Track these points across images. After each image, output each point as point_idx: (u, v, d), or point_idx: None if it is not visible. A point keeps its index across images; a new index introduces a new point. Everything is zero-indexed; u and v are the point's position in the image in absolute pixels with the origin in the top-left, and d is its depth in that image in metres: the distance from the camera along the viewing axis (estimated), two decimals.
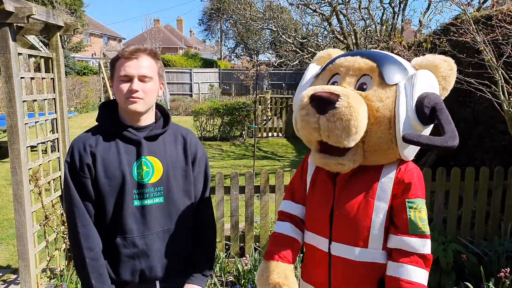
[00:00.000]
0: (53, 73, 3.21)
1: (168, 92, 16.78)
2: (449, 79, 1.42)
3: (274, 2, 12.76)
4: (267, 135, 10.92)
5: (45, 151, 3.20)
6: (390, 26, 7.88)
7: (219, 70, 25.26)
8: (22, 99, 2.74)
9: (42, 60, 3.10)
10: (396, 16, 7.94)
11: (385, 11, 8.23)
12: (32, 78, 2.99)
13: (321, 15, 9.16)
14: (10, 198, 5.57)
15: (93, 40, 34.74)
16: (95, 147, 1.51)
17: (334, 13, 8.42)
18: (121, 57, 1.50)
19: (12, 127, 2.68)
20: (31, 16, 2.59)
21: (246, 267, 3.25)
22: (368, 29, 8.88)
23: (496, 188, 3.58)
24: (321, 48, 9.84)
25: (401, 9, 7.95)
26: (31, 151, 2.91)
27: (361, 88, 1.41)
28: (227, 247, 3.58)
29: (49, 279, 3.19)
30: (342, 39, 8.47)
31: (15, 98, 2.66)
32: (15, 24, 2.66)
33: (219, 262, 3.38)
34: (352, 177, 1.44)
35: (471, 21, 3.45)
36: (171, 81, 21.74)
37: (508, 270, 2.79)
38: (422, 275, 1.36)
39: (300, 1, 9.41)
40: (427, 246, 1.37)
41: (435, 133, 1.38)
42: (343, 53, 1.60)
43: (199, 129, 10.29)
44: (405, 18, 8.13)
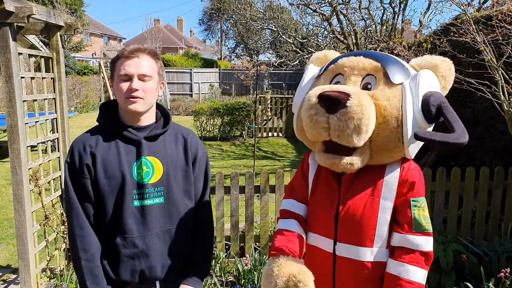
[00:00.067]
0: (53, 72, 3.21)
1: (168, 92, 16.78)
2: (448, 78, 1.46)
3: (274, 2, 12.77)
4: (267, 135, 10.92)
5: (45, 151, 3.20)
6: (390, 26, 7.88)
7: (219, 70, 25.24)
8: (22, 99, 2.74)
9: (42, 59, 3.10)
10: (396, 16, 7.94)
11: (385, 11, 8.24)
12: (32, 77, 2.99)
13: (321, 15, 9.16)
14: (10, 197, 5.57)
15: (93, 40, 34.75)
16: (95, 148, 1.51)
17: (334, 13, 8.42)
18: (121, 57, 1.51)
19: (12, 126, 2.69)
20: (32, 15, 2.59)
21: (246, 267, 3.25)
22: (368, 29, 8.89)
23: (496, 188, 3.58)
24: (321, 48, 9.84)
25: (401, 9, 7.95)
26: (31, 150, 2.91)
27: (365, 87, 1.42)
28: (227, 247, 3.57)
29: (49, 279, 3.19)
30: (342, 39, 8.47)
31: (15, 97, 2.66)
32: (15, 23, 2.66)
33: (219, 262, 3.37)
34: (356, 176, 1.44)
35: (471, 21, 3.45)
36: (171, 81, 21.74)
37: (508, 270, 2.79)
38: (421, 275, 1.38)
39: (300, 1, 9.41)
40: (429, 243, 1.40)
41: (436, 131, 1.40)
42: (339, 54, 1.62)
43: (199, 129, 10.29)
44: (405, 18, 8.14)
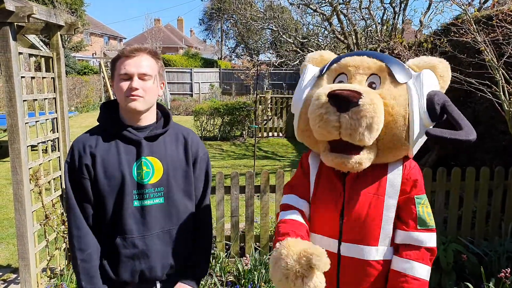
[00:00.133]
0: (53, 72, 3.21)
1: (168, 91, 16.79)
2: (445, 78, 1.50)
3: (274, 2, 12.76)
4: (267, 135, 10.92)
5: (45, 151, 3.20)
6: (391, 26, 7.88)
7: (219, 70, 25.23)
8: (22, 99, 2.74)
9: (42, 59, 3.10)
10: (397, 16, 7.93)
11: (386, 11, 8.23)
12: (32, 77, 2.99)
13: (321, 15, 9.15)
14: (10, 197, 5.57)
15: (93, 39, 34.76)
16: (95, 148, 1.51)
17: (334, 13, 8.41)
18: (122, 56, 1.51)
19: (12, 126, 2.68)
20: (32, 15, 2.59)
21: (246, 267, 3.24)
22: (368, 29, 8.88)
23: (496, 188, 3.58)
24: (322, 48, 9.84)
25: (401, 9, 7.94)
26: (32, 150, 2.91)
27: (370, 87, 1.43)
28: (227, 247, 3.57)
29: (49, 279, 3.19)
30: (342, 39, 8.47)
31: (16, 97, 2.66)
32: (15, 23, 2.65)
33: (219, 262, 3.37)
34: (359, 176, 1.44)
35: (472, 21, 3.45)
36: (172, 81, 21.74)
37: (508, 270, 2.79)
38: (426, 272, 1.41)
39: (300, 1, 9.41)
40: (433, 239, 1.43)
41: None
42: (334, 54, 1.63)
43: (200, 128, 10.30)
44: (406, 18, 8.13)
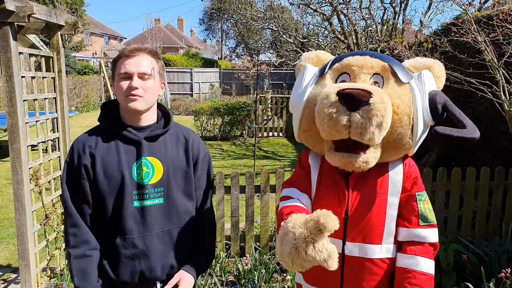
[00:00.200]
0: (53, 72, 3.21)
1: (168, 91, 16.79)
2: (441, 78, 1.53)
3: (274, 1, 12.76)
4: (267, 135, 10.92)
5: (45, 150, 3.20)
6: (391, 26, 7.87)
7: (219, 69, 25.23)
8: (22, 98, 2.74)
9: (43, 59, 3.10)
10: (397, 16, 7.93)
11: (386, 11, 8.23)
12: (33, 77, 2.99)
13: (322, 15, 9.15)
14: (10, 197, 5.57)
15: (94, 39, 34.76)
16: (95, 148, 1.51)
17: (335, 13, 8.41)
18: (122, 56, 1.51)
19: (12, 126, 2.68)
20: (32, 15, 2.59)
21: (246, 266, 3.24)
22: (369, 29, 8.88)
23: (497, 188, 3.58)
24: (322, 47, 9.83)
25: (402, 9, 7.93)
26: (32, 150, 2.91)
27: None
28: (227, 247, 3.57)
29: (49, 278, 3.19)
30: (343, 39, 8.46)
31: (16, 97, 2.66)
32: (16, 23, 2.65)
33: (219, 262, 3.37)
34: (362, 175, 1.45)
35: (472, 21, 3.45)
36: (172, 81, 21.74)
37: (508, 270, 2.79)
38: (431, 266, 1.43)
39: (301, 1, 9.40)
40: (435, 234, 1.46)
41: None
42: (330, 55, 1.64)
43: (200, 128, 10.30)
44: (406, 18, 8.12)
